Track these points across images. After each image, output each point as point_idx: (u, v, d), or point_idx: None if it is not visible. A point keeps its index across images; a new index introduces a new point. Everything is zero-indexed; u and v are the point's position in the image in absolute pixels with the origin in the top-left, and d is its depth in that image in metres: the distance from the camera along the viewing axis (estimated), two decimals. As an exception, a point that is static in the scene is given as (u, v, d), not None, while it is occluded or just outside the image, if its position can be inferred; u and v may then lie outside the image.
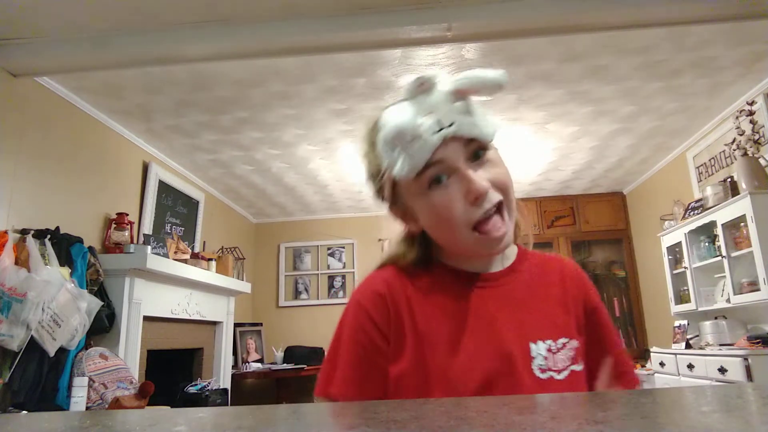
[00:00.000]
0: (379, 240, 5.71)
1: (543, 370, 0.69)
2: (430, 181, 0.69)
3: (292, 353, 5.07)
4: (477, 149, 0.69)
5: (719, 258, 3.22)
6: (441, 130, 0.67)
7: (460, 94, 0.69)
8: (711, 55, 2.78)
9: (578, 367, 0.72)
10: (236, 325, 4.76)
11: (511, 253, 0.80)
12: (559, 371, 0.70)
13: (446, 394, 0.67)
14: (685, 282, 3.70)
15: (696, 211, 3.50)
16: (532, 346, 0.70)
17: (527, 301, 0.75)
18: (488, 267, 0.77)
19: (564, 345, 0.72)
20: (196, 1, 2.18)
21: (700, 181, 3.85)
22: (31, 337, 2.26)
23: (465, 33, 2.36)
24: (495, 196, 0.68)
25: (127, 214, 3.22)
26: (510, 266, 0.78)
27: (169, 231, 3.87)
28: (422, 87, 0.69)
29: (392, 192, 0.75)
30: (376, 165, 0.75)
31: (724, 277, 3.21)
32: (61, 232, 2.64)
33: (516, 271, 0.78)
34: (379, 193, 0.78)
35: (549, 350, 0.70)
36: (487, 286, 0.75)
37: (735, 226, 3.11)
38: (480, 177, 0.68)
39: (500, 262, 0.78)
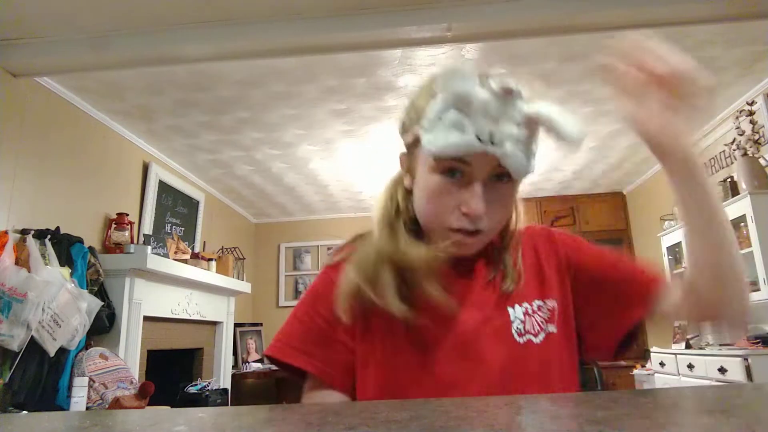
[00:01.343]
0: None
1: (521, 334, 0.70)
2: (445, 169, 0.67)
3: (292, 353, 5.06)
4: (502, 174, 0.67)
5: (719, 258, 3.22)
6: (487, 142, 0.63)
7: (531, 122, 0.65)
8: (711, 55, 2.78)
9: (553, 329, 0.72)
10: (236, 325, 4.76)
11: None
12: (536, 334, 0.71)
13: (422, 362, 0.68)
14: (685, 282, 3.69)
15: (696, 211, 3.50)
16: (510, 310, 0.71)
17: (503, 271, 0.75)
18: None
19: (539, 307, 0.72)
20: (196, 1, 2.18)
21: (700, 181, 3.85)
22: (32, 337, 2.26)
23: (465, 33, 2.36)
24: (481, 224, 0.67)
25: (127, 215, 3.22)
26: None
27: (169, 231, 3.87)
28: (505, 95, 0.64)
29: (412, 144, 0.72)
30: (417, 113, 0.70)
31: (724, 277, 3.21)
32: (62, 232, 2.64)
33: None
34: (403, 136, 0.75)
35: (525, 313, 0.71)
36: (461, 263, 0.74)
37: (735, 226, 3.11)
38: (483, 200, 0.66)
39: None
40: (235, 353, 4.76)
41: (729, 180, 3.21)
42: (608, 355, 0.76)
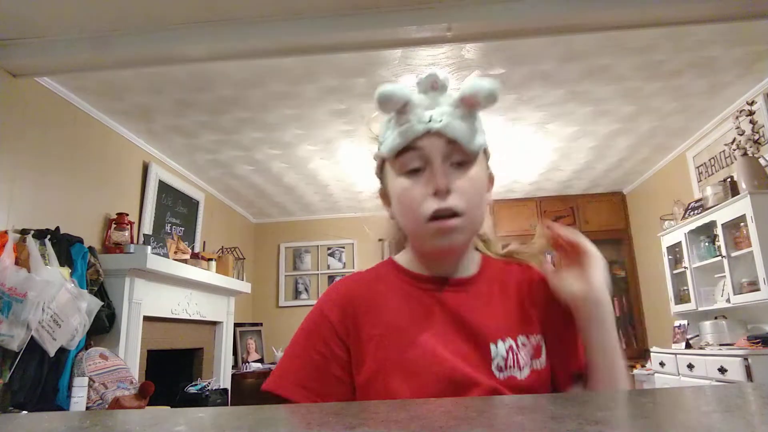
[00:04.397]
0: (379, 240, 5.71)
1: (501, 369, 0.71)
2: (407, 167, 0.73)
3: (292, 353, 5.06)
4: (460, 159, 0.72)
5: (719, 258, 3.22)
6: (430, 122, 0.71)
7: (464, 103, 0.72)
8: (711, 55, 2.78)
9: (539, 365, 0.74)
10: (236, 325, 4.76)
11: (475, 262, 0.82)
12: (520, 368, 0.72)
13: (408, 390, 0.69)
14: (685, 282, 3.70)
15: (696, 211, 3.50)
16: (492, 347, 0.72)
17: (488, 304, 0.77)
18: (452, 273, 0.79)
19: (524, 344, 0.74)
20: (196, 1, 2.18)
21: (700, 181, 3.85)
22: (31, 337, 2.26)
23: (465, 33, 2.36)
24: (452, 201, 0.70)
25: (127, 214, 3.22)
26: (473, 274, 0.80)
27: (169, 231, 3.87)
28: (434, 85, 0.72)
29: (380, 171, 0.81)
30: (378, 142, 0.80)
31: (724, 277, 3.21)
32: (61, 232, 2.64)
33: (478, 277, 0.80)
34: (377, 174, 0.83)
35: (510, 350, 0.73)
36: (449, 291, 0.77)
37: (735, 226, 3.11)
38: (446, 176, 0.71)
39: (463, 270, 0.80)
40: (235, 353, 4.76)
41: (729, 180, 3.21)
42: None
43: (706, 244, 3.46)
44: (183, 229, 4.09)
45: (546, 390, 0.73)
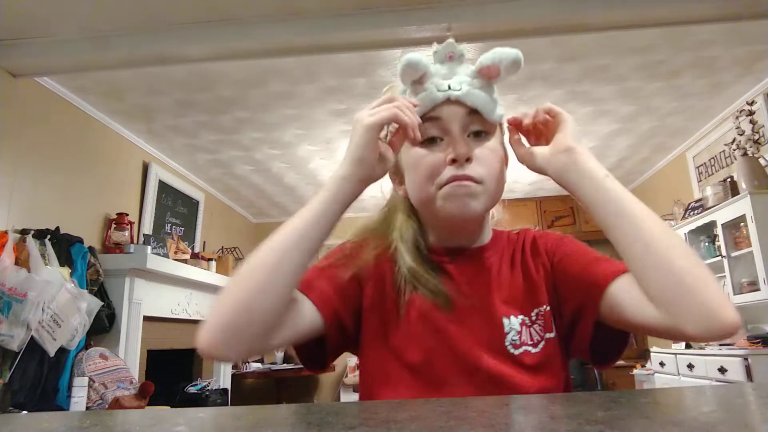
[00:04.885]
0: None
1: (516, 346, 0.69)
2: (424, 137, 0.70)
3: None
4: (479, 129, 0.71)
5: (719, 258, 3.22)
6: (446, 90, 0.68)
7: (483, 74, 0.70)
8: (711, 55, 2.78)
9: (551, 335, 0.72)
10: (236, 325, 4.75)
11: (487, 235, 0.80)
12: (535, 344, 0.70)
13: (412, 358, 0.69)
14: (685, 282, 3.69)
15: (696, 211, 3.50)
16: (505, 321, 0.71)
17: (500, 278, 0.75)
18: (464, 245, 0.77)
19: (538, 315, 0.72)
20: (196, 1, 2.18)
21: (700, 181, 3.85)
22: (31, 337, 2.26)
23: (465, 33, 2.36)
24: (470, 169, 0.68)
25: (127, 214, 3.22)
26: (484, 245, 0.78)
27: (169, 231, 3.87)
28: (450, 56, 0.70)
29: None
30: None
31: (724, 277, 3.21)
32: (61, 232, 2.64)
33: (489, 249, 0.78)
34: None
35: (523, 324, 0.71)
36: (460, 263, 0.75)
37: (735, 226, 3.11)
38: (468, 146, 0.69)
39: (475, 242, 0.78)
40: (235, 353, 4.76)
41: (729, 180, 3.21)
42: (590, 360, 0.71)
43: (706, 244, 3.46)
44: (183, 229, 4.09)
45: (558, 357, 0.72)
